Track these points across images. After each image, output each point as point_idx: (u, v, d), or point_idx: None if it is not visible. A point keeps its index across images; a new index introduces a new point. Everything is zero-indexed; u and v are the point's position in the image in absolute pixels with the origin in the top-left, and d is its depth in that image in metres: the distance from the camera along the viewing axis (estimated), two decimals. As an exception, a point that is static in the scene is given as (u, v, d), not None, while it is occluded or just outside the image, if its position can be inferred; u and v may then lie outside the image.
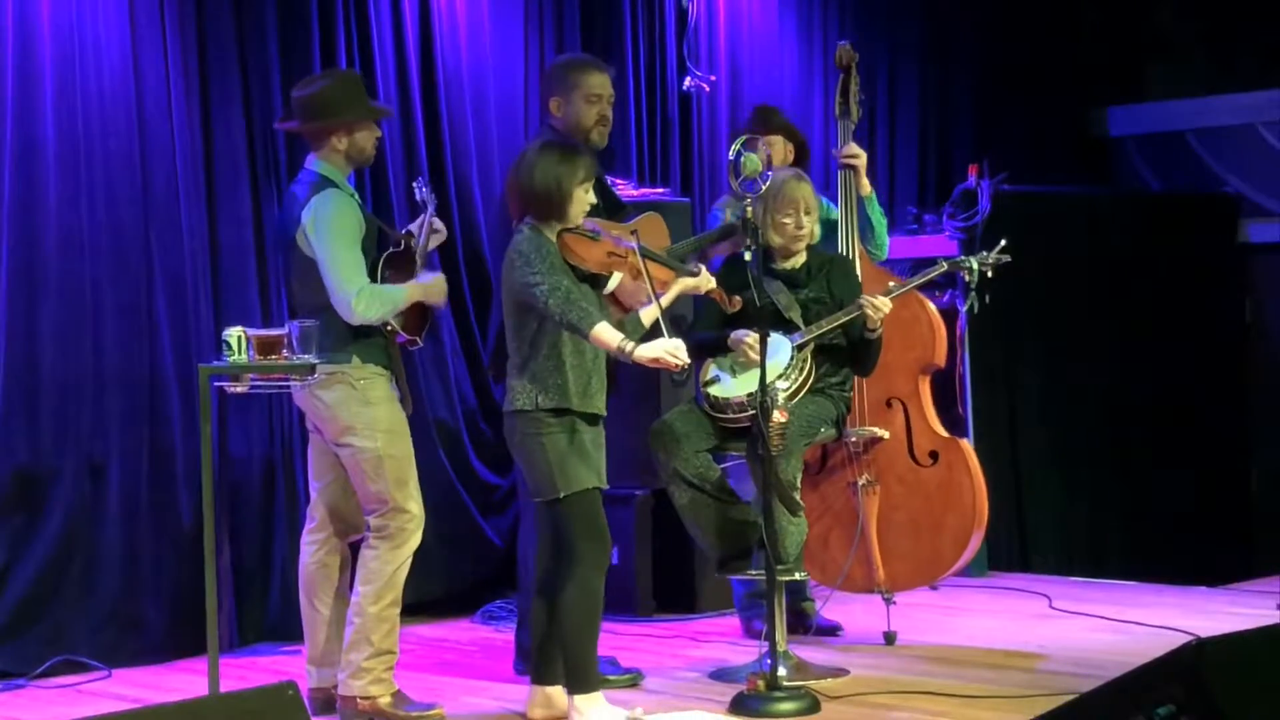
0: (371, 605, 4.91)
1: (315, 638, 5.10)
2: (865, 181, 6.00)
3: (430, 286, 5.03)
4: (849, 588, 5.95)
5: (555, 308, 4.62)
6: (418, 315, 5.07)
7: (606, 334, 4.65)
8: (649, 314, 4.89)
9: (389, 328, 4.97)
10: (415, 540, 5.01)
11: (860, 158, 5.97)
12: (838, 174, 6.03)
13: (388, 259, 4.98)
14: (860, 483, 5.82)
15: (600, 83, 5.42)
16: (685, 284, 4.97)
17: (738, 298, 5.13)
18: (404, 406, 5.10)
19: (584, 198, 4.77)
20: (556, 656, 4.89)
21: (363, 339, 4.93)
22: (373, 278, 4.92)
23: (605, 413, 4.86)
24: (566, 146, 4.87)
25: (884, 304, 5.38)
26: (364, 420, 4.92)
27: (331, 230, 4.86)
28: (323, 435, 5.02)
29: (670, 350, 4.66)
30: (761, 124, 5.99)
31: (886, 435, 5.83)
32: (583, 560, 4.73)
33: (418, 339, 5.10)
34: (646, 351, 4.66)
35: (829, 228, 5.94)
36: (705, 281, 4.99)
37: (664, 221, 5.56)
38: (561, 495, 4.72)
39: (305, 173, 5.03)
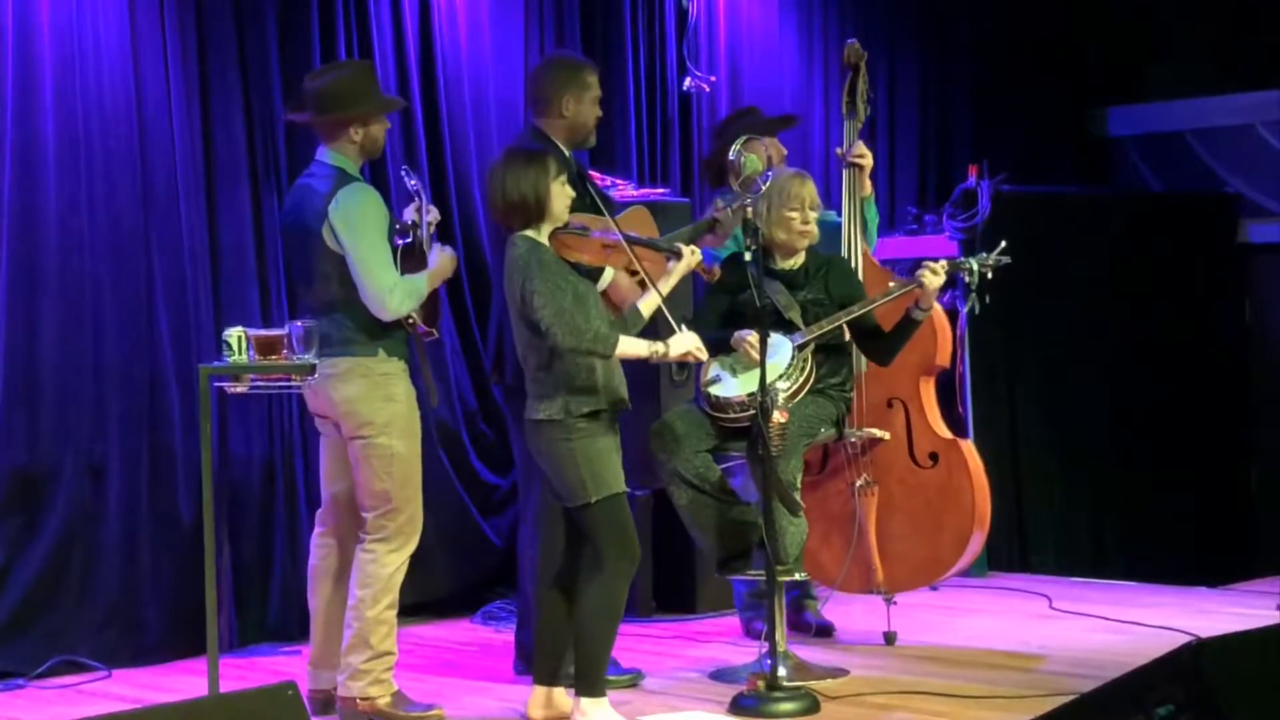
0: (369, 609, 4.90)
1: (318, 638, 5.10)
2: (867, 182, 6.00)
3: (442, 267, 5.01)
4: (848, 588, 5.94)
5: (567, 341, 4.62)
6: (431, 305, 5.07)
7: (631, 346, 4.72)
8: (648, 305, 4.91)
9: (410, 320, 4.97)
10: (413, 544, 5.00)
11: (867, 158, 5.98)
12: (841, 173, 6.03)
13: (402, 253, 4.97)
14: (858, 484, 5.81)
15: (598, 84, 5.48)
16: (678, 269, 4.97)
17: (716, 268, 5.15)
18: (429, 398, 5.10)
19: (563, 192, 4.76)
20: (562, 657, 4.89)
21: (389, 333, 4.92)
22: None
23: (626, 401, 4.85)
24: (529, 150, 4.86)
25: (940, 271, 5.34)
26: (384, 416, 4.90)
27: (363, 225, 4.84)
28: (340, 430, 4.98)
29: (696, 345, 4.82)
30: (763, 127, 5.98)
31: (886, 437, 5.82)
32: (609, 565, 4.73)
33: (434, 330, 5.11)
34: (679, 347, 4.79)
35: (833, 232, 5.95)
36: (693, 258, 5.01)
37: (651, 217, 5.55)
38: (593, 500, 4.71)
39: (319, 165, 4.99)
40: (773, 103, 7.92)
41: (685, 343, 4.80)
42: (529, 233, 4.75)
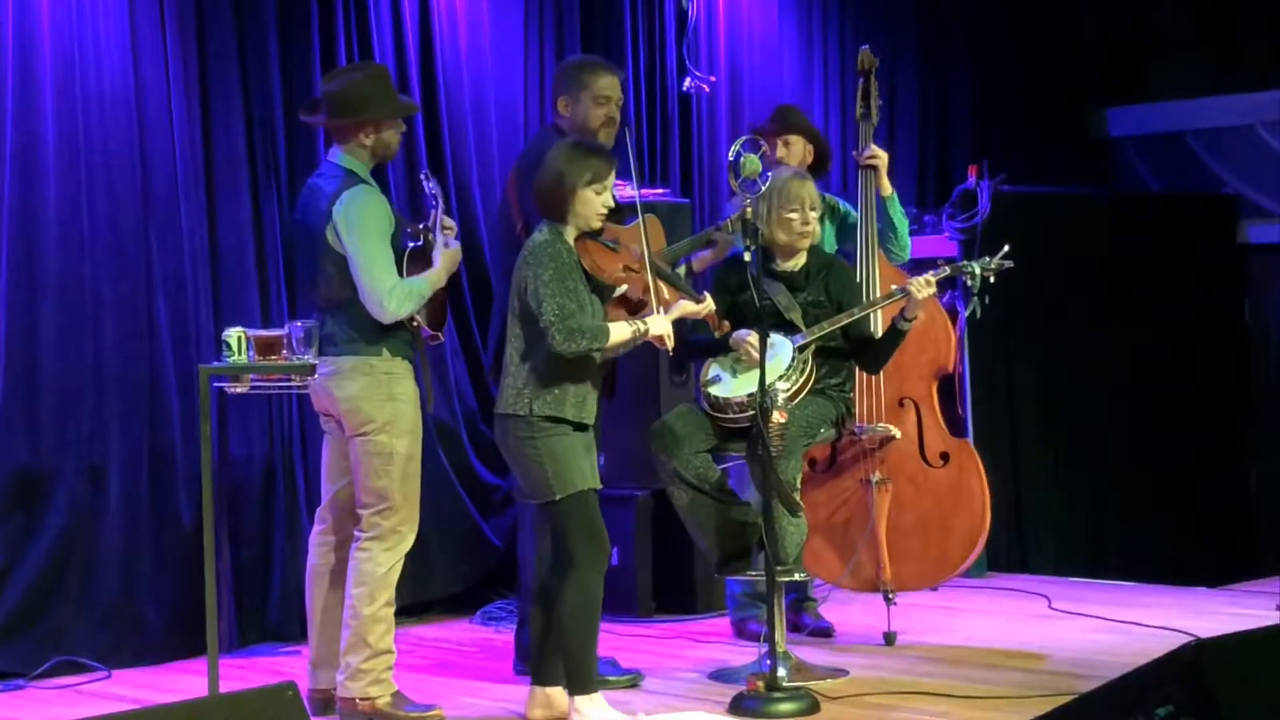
0: (366, 607, 4.90)
1: (317, 638, 5.09)
2: (886, 182, 6.00)
3: (443, 265, 4.99)
4: (855, 585, 5.95)
5: (563, 345, 4.62)
6: (438, 308, 5.06)
7: (619, 332, 4.73)
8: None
9: (415, 323, 4.97)
10: (408, 543, 4.99)
11: (881, 158, 5.99)
12: (858, 175, 6.04)
13: (410, 255, 4.98)
14: (874, 479, 5.83)
15: (609, 84, 5.42)
16: (686, 308, 4.99)
17: (725, 322, 5.15)
18: (426, 402, 5.10)
19: (595, 199, 4.76)
20: (556, 657, 4.89)
21: (393, 333, 4.92)
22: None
23: (593, 421, 4.86)
24: (582, 145, 4.87)
25: (930, 284, 5.37)
26: (386, 414, 4.90)
27: (364, 227, 4.85)
28: (343, 428, 4.98)
29: (669, 333, 4.84)
30: (781, 122, 6.01)
31: (898, 434, 5.83)
32: (580, 561, 4.73)
33: (439, 334, 5.11)
34: (658, 327, 4.81)
35: (849, 229, 5.97)
36: (704, 307, 5.04)
37: (661, 226, 5.56)
38: (558, 497, 4.72)
39: (329, 166, 5.01)
40: (772, 104, 7.90)
41: (662, 325, 4.83)
42: (556, 226, 4.75)
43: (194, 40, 6.13)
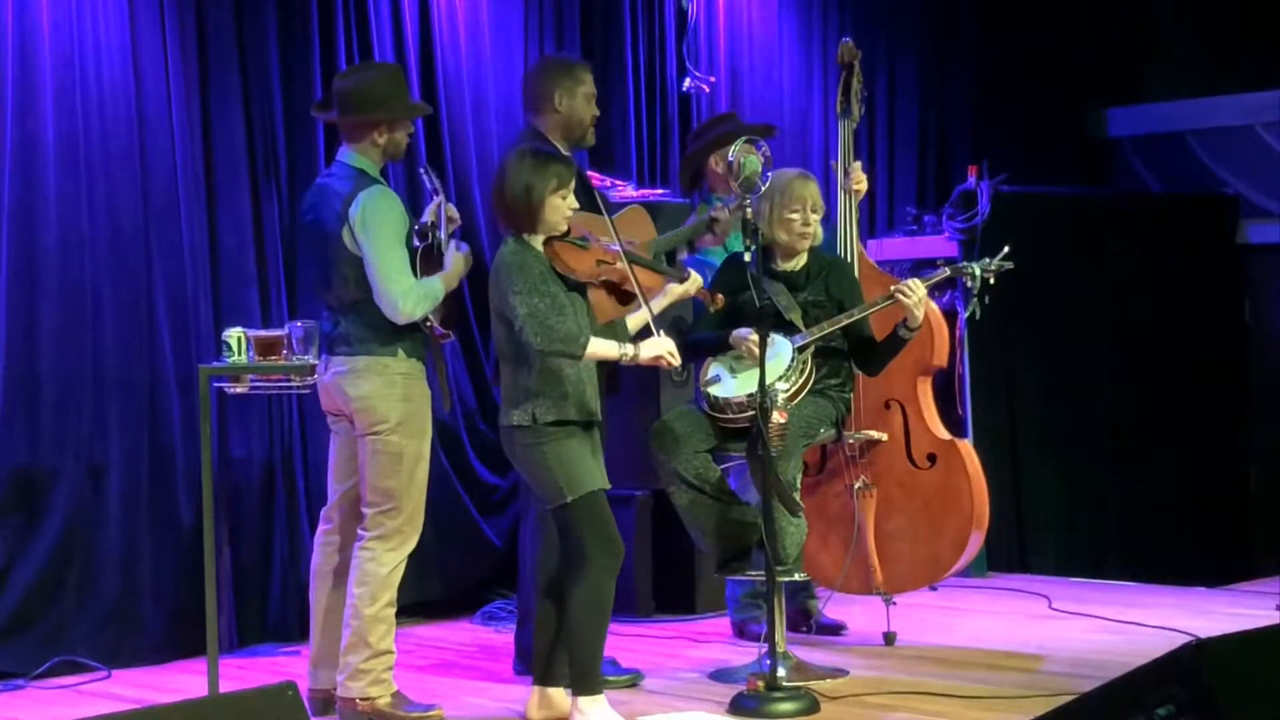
0: (368, 607, 4.90)
1: (318, 637, 5.10)
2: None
3: (455, 268, 4.99)
4: (848, 589, 5.95)
5: (538, 341, 4.61)
6: (448, 308, 5.06)
7: (602, 347, 4.70)
8: (635, 320, 4.93)
9: (428, 323, 4.97)
10: (411, 543, 4.99)
11: (864, 185, 6.00)
12: (837, 192, 6.01)
13: (422, 255, 4.97)
14: (856, 486, 5.82)
15: (592, 82, 5.53)
16: (674, 291, 5.00)
17: (720, 295, 5.15)
18: (443, 402, 5.10)
19: (561, 205, 4.74)
20: (560, 658, 4.89)
21: (408, 334, 4.92)
22: None
23: (600, 417, 4.86)
24: (540, 153, 4.84)
25: (918, 288, 5.34)
26: (400, 415, 4.90)
27: (382, 228, 4.84)
28: (354, 426, 4.97)
29: (670, 350, 4.79)
30: (742, 132, 5.98)
31: (884, 438, 5.82)
32: (593, 562, 4.72)
33: (450, 334, 5.11)
34: (649, 350, 4.77)
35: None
36: (693, 284, 5.03)
37: (649, 217, 5.55)
38: (569, 500, 4.71)
39: (339, 165, 5.00)
40: (772, 104, 7.94)
41: (659, 346, 4.78)
42: (523, 237, 4.75)
43: (194, 40, 6.14)
